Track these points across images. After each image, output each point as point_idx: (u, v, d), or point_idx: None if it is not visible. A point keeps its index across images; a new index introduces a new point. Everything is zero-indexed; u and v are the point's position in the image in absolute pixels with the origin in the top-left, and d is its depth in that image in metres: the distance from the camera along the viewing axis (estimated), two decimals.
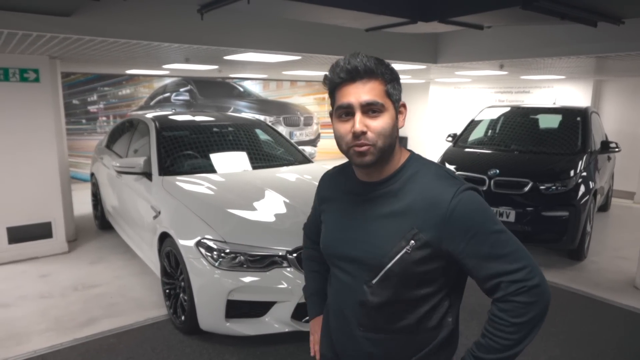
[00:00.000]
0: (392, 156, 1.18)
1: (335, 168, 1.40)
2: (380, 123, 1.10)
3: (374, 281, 1.17)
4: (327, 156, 11.34)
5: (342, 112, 1.12)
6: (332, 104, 1.16)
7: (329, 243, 1.30)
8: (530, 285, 1.08)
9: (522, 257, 1.10)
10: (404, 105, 1.19)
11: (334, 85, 1.13)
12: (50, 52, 4.36)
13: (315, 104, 11.34)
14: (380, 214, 1.17)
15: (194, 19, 3.43)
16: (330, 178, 1.39)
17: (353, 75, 1.09)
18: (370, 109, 1.09)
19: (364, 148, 1.10)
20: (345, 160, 1.26)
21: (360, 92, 1.09)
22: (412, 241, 1.11)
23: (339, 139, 1.15)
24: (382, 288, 1.17)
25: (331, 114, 1.18)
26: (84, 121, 8.47)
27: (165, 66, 6.52)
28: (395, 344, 1.22)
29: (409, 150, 1.24)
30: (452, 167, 5.21)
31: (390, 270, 1.14)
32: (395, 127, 1.14)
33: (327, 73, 1.15)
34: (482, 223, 1.10)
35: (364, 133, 1.09)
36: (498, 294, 1.10)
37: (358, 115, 1.09)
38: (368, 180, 1.21)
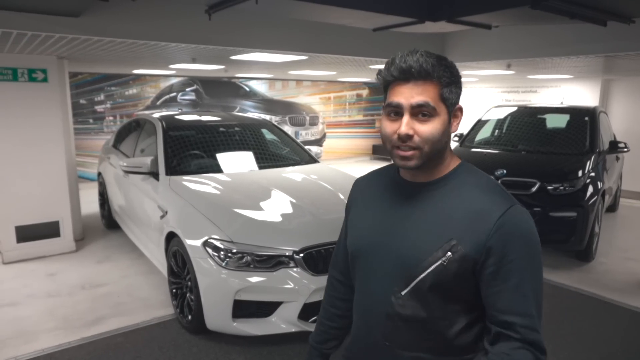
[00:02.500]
0: (441, 160, 1.11)
1: (370, 172, 1.32)
2: (429, 128, 1.03)
3: (403, 292, 1.08)
4: (332, 156, 11.34)
5: (391, 111, 1.06)
6: (384, 99, 1.10)
7: (359, 239, 1.20)
8: (531, 340, 1.01)
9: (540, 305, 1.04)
10: (460, 109, 1.10)
11: (387, 82, 1.08)
12: (59, 52, 4.38)
13: (320, 104, 11.33)
14: (420, 218, 1.09)
15: (201, 19, 3.44)
16: (364, 181, 1.31)
17: (407, 75, 1.03)
18: (421, 112, 1.03)
19: (408, 153, 1.04)
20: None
21: (412, 93, 1.03)
22: (449, 253, 1.03)
23: (384, 138, 1.09)
24: (412, 300, 1.08)
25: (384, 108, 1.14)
26: (91, 121, 8.51)
27: (171, 66, 6.54)
28: None
29: (460, 158, 1.16)
30: None
31: (423, 282, 1.06)
32: (446, 132, 1.07)
33: (381, 68, 1.10)
34: (529, 248, 1.03)
35: (409, 137, 1.03)
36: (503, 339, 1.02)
37: (406, 118, 1.03)
38: (412, 180, 1.14)
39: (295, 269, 2.92)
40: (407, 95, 1.03)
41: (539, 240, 1.05)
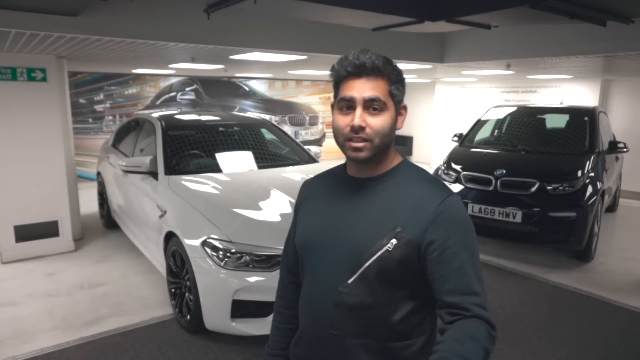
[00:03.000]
0: (386, 156, 1.18)
1: (318, 174, 1.38)
2: (380, 121, 1.11)
3: (350, 280, 1.13)
4: (332, 156, 11.33)
5: (344, 105, 1.12)
6: (335, 95, 1.17)
7: (307, 234, 1.25)
8: (482, 315, 1.05)
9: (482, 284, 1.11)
10: (404, 107, 1.19)
11: (339, 77, 1.14)
12: (58, 51, 4.38)
13: (320, 104, 11.33)
14: (366, 210, 1.16)
15: (200, 18, 3.43)
16: (311, 182, 1.37)
17: (360, 70, 1.10)
18: (372, 106, 1.10)
19: (360, 144, 1.11)
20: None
21: (365, 88, 1.10)
22: (394, 239, 1.10)
23: (336, 131, 1.15)
24: (359, 288, 1.13)
25: (332, 106, 1.19)
26: (90, 120, 8.51)
27: (171, 65, 6.54)
28: (371, 350, 1.15)
29: (402, 156, 1.25)
30: (458, 167, 5.19)
31: (369, 269, 1.11)
32: (393, 127, 1.15)
33: (334, 64, 1.15)
34: (466, 232, 1.11)
35: (362, 128, 1.09)
36: (455, 317, 1.06)
37: (359, 110, 1.10)
38: (358, 176, 1.21)
39: None
40: (360, 89, 1.10)
41: (473, 225, 1.14)
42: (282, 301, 1.42)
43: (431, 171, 6.12)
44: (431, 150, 11.44)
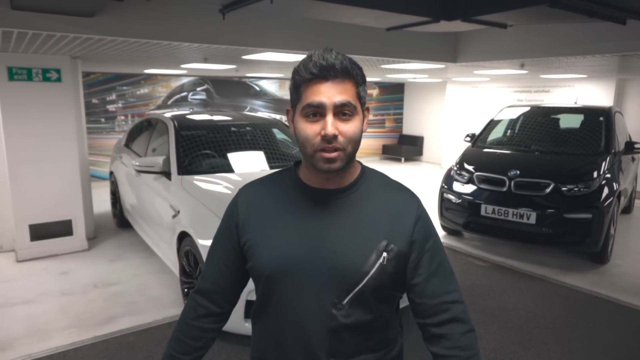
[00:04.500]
0: (353, 162, 1.10)
1: (255, 181, 1.20)
2: (352, 127, 1.01)
3: (344, 301, 1.05)
4: None
5: (311, 112, 0.99)
6: (296, 100, 1.03)
7: (279, 259, 1.08)
8: (461, 312, 1.13)
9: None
10: (368, 109, 1.10)
11: (302, 80, 1.00)
12: (72, 52, 4.41)
13: None
14: (345, 225, 1.06)
15: (215, 18, 3.44)
16: (254, 192, 1.17)
17: (327, 72, 0.98)
18: (342, 111, 0.99)
19: (334, 154, 1.00)
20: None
21: (334, 92, 0.98)
22: (385, 253, 1.05)
23: (304, 141, 1.02)
24: (355, 307, 1.06)
25: (288, 111, 1.08)
26: (103, 120, 8.58)
27: (183, 66, 6.56)
28: None
29: (357, 160, 1.17)
30: (471, 168, 5.14)
31: (365, 287, 1.05)
32: (362, 132, 1.06)
33: (295, 66, 1.03)
34: (435, 233, 1.15)
35: (335, 137, 0.98)
36: (445, 315, 1.11)
37: (330, 117, 0.98)
38: (325, 188, 1.09)
39: None
40: (328, 94, 0.98)
41: None
42: (189, 330, 1.21)
43: (443, 172, 6.08)
44: (442, 150, 11.37)
